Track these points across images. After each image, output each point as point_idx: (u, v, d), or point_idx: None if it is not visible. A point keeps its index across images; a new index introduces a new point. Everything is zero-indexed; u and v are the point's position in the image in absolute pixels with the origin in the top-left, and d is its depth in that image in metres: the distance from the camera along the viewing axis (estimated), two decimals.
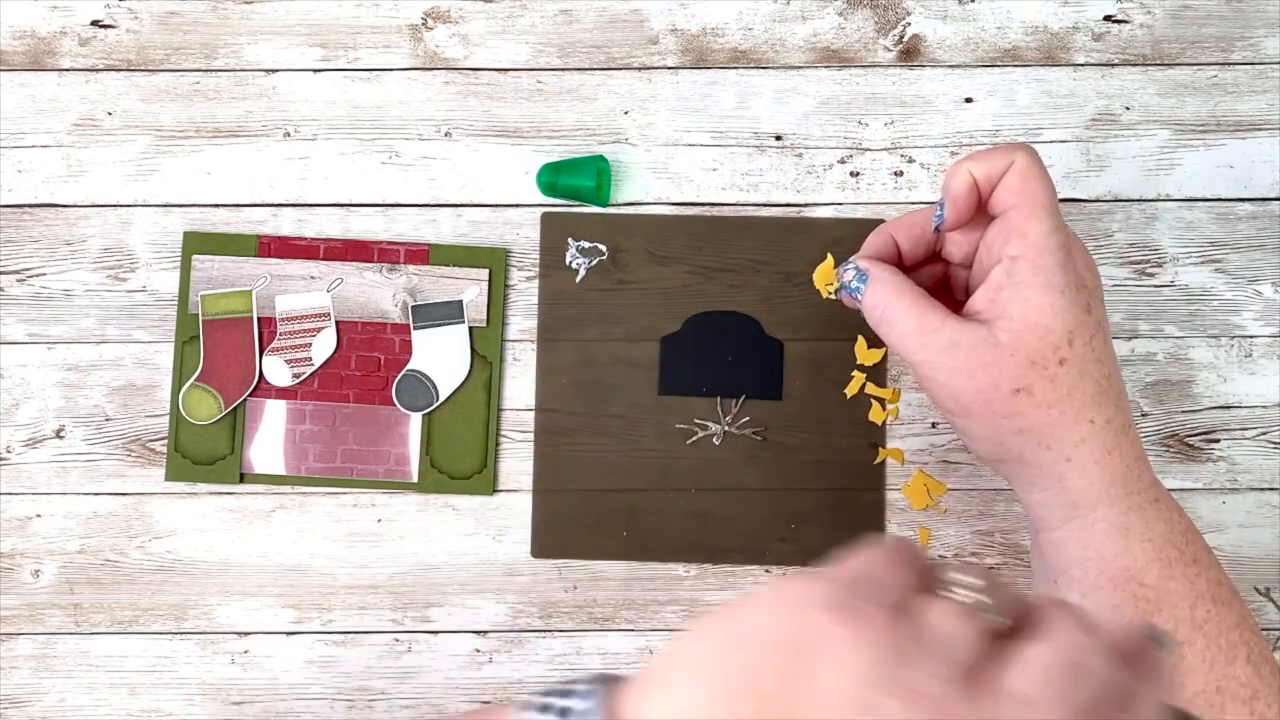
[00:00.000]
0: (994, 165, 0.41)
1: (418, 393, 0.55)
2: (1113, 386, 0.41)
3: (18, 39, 0.57)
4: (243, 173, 0.56)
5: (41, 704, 0.54)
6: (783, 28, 0.57)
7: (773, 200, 0.56)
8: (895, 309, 0.41)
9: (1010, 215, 0.41)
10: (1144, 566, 0.40)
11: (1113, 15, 0.57)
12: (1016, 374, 0.39)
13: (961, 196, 0.41)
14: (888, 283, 0.42)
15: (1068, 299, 0.40)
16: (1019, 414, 0.40)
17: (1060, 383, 0.40)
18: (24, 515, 0.55)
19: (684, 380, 0.55)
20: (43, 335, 0.55)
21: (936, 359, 0.40)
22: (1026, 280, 0.40)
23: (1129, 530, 0.40)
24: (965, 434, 0.42)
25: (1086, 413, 0.40)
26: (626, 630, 0.55)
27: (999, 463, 0.42)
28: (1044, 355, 0.39)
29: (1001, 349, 0.40)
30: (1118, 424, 0.41)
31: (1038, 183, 0.41)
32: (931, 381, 0.41)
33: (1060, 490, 0.41)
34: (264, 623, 0.54)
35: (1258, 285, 0.56)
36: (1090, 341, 0.40)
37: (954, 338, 0.40)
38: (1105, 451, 0.40)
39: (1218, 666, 0.40)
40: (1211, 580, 0.41)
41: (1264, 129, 0.56)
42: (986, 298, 0.41)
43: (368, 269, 0.55)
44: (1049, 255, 0.40)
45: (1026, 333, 0.39)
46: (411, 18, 0.57)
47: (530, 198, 0.56)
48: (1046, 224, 0.40)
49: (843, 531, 0.54)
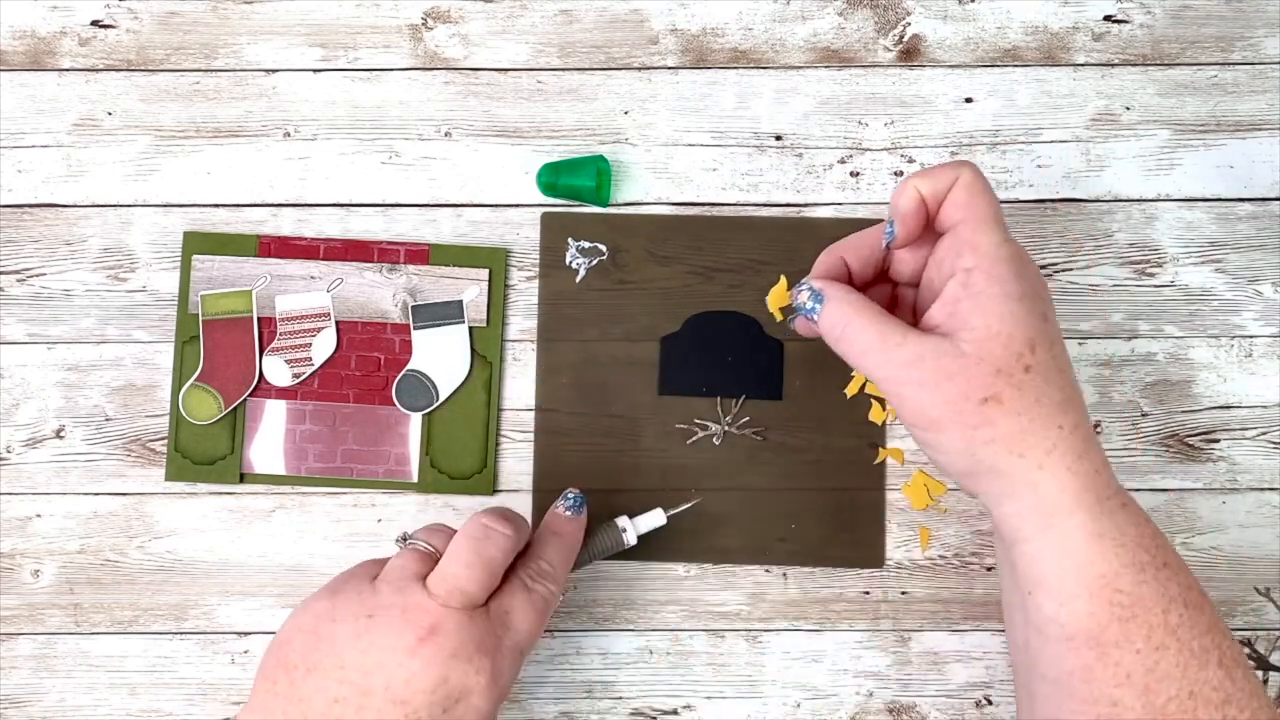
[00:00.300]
0: (939, 182, 0.42)
1: (418, 393, 0.55)
2: (1075, 393, 0.42)
3: (18, 39, 0.57)
4: (243, 173, 0.56)
5: (41, 704, 0.54)
6: (783, 28, 0.57)
7: (773, 200, 0.56)
8: (855, 326, 0.42)
9: (960, 229, 0.41)
10: (1119, 572, 0.40)
11: (1113, 15, 0.57)
12: (984, 383, 0.40)
13: (910, 213, 0.42)
14: (845, 301, 0.42)
15: (1026, 306, 0.40)
16: (990, 423, 0.40)
17: (1028, 389, 0.40)
18: (24, 515, 0.55)
19: (684, 380, 0.55)
20: (43, 335, 0.55)
21: (902, 373, 0.41)
22: (984, 290, 0.40)
23: (1103, 536, 0.40)
24: (935, 448, 0.42)
25: (1055, 418, 0.40)
26: (626, 630, 0.55)
27: (970, 476, 0.42)
28: (1009, 363, 0.40)
29: (967, 359, 0.40)
30: (1084, 430, 0.41)
31: (983, 196, 0.41)
32: (898, 397, 0.41)
33: (1035, 499, 0.41)
34: (264, 623, 0.54)
35: (1258, 285, 0.56)
36: (1051, 349, 0.41)
37: (918, 351, 0.40)
38: (1076, 457, 0.40)
39: (1190, 671, 0.40)
40: (1183, 584, 0.41)
41: (1264, 129, 0.56)
42: (945, 311, 0.41)
43: (368, 269, 0.55)
44: (1003, 265, 0.40)
45: (990, 341, 0.40)
46: (411, 18, 0.57)
47: (530, 198, 0.56)
48: (997, 235, 0.41)
49: (843, 531, 0.54)
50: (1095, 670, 0.40)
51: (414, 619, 0.42)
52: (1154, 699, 0.40)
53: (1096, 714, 0.40)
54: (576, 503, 0.50)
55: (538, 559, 0.47)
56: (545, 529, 0.49)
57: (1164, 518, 0.55)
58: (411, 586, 0.43)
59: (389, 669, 0.41)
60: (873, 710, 0.54)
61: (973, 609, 0.55)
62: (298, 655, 0.42)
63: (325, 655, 0.42)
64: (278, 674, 0.42)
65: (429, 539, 0.45)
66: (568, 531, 0.49)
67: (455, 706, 0.42)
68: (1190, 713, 0.40)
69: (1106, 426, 0.55)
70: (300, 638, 0.43)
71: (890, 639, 0.55)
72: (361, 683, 0.41)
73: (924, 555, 0.55)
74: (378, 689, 0.41)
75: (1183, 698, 0.40)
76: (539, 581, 0.46)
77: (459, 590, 0.43)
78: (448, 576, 0.43)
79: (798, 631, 0.55)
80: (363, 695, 0.41)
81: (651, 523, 0.52)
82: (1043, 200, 0.56)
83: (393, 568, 0.44)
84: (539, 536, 0.48)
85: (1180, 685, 0.40)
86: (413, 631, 0.41)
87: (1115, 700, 0.40)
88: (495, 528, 0.44)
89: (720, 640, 0.55)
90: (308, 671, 0.42)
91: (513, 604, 0.44)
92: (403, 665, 0.41)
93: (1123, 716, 0.40)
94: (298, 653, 0.42)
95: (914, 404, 0.41)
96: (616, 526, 0.52)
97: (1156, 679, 0.40)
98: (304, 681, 0.42)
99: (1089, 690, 0.41)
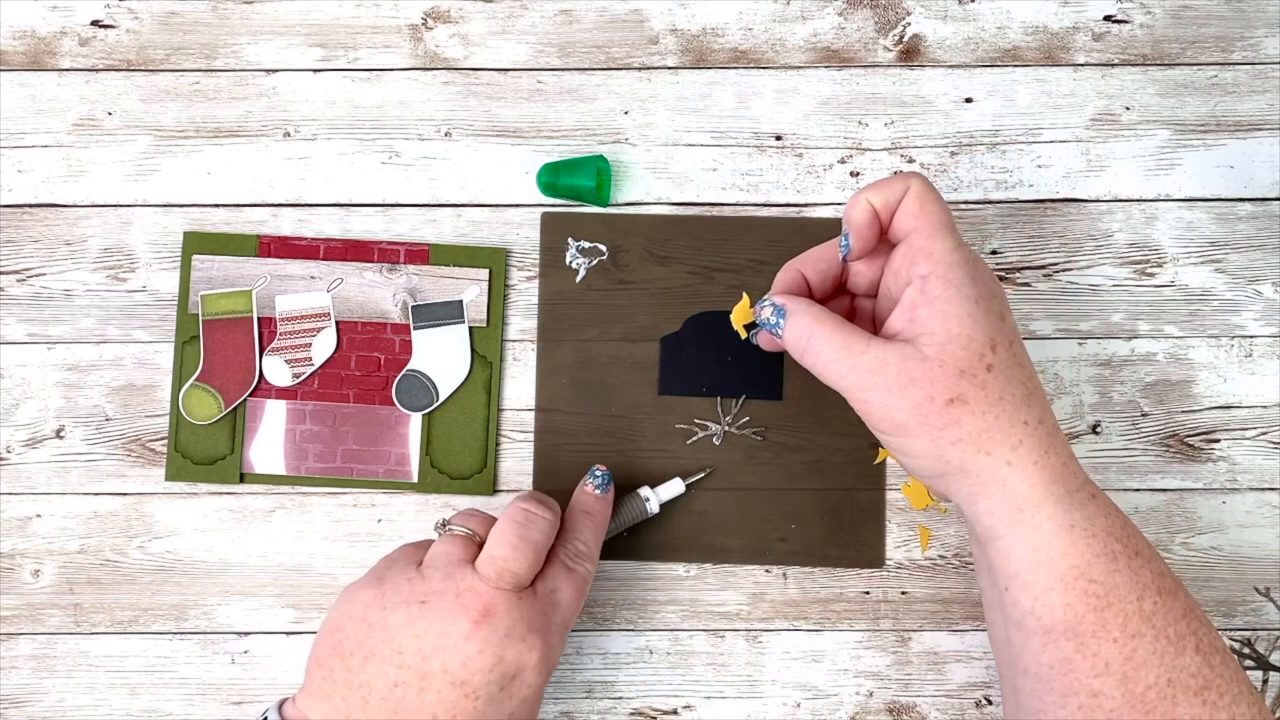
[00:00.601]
0: (890, 193, 0.43)
1: (418, 393, 0.55)
2: (1037, 389, 0.43)
3: (18, 39, 0.57)
4: (243, 173, 0.56)
5: (41, 704, 0.54)
6: (783, 28, 0.57)
7: (773, 200, 0.56)
8: (818, 337, 0.43)
9: (913, 238, 0.43)
10: (1091, 562, 0.41)
11: (1113, 15, 0.57)
12: (948, 384, 0.41)
13: (864, 225, 0.44)
14: (807, 313, 0.44)
15: (983, 308, 0.41)
16: (956, 423, 0.41)
17: (991, 388, 0.41)
18: (24, 515, 0.55)
19: (684, 380, 0.55)
20: (43, 335, 0.55)
21: (866, 380, 0.42)
22: (941, 294, 0.41)
23: (1074, 527, 0.41)
24: (905, 453, 0.43)
25: (1019, 414, 0.41)
26: (626, 630, 0.55)
27: (940, 477, 0.43)
28: (971, 363, 0.41)
29: (929, 362, 0.41)
30: (1049, 424, 0.42)
31: (934, 205, 0.43)
32: (865, 404, 0.42)
33: (1004, 495, 0.41)
34: (264, 623, 0.54)
35: (1258, 285, 0.56)
36: (1010, 347, 0.42)
37: (881, 357, 0.41)
38: (1042, 451, 0.41)
39: (1168, 658, 0.41)
40: (1155, 572, 0.42)
41: (1264, 129, 0.56)
42: (904, 318, 0.42)
43: (368, 269, 0.55)
44: (957, 269, 0.42)
45: (950, 344, 0.41)
46: (411, 18, 0.57)
47: (530, 198, 0.56)
48: (949, 241, 0.42)
49: (843, 531, 0.54)
50: (1074, 661, 0.41)
51: (468, 602, 0.43)
52: (1133, 687, 0.40)
53: (1078, 704, 0.41)
54: (604, 480, 0.51)
55: (574, 540, 0.48)
56: (575, 509, 0.50)
57: (1164, 518, 0.55)
58: (461, 571, 0.44)
59: (446, 652, 0.42)
60: (873, 710, 0.54)
61: (973, 609, 0.55)
62: (352, 643, 0.43)
63: (381, 642, 0.43)
64: (333, 662, 0.43)
65: (467, 523, 0.47)
66: (597, 510, 0.50)
67: (511, 684, 0.43)
68: (1170, 700, 0.40)
69: (1106, 426, 0.55)
70: (351, 625, 0.43)
71: (890, 639, 0.55)
72: (420, 666, 0.42)
73: (924, 555, 0.55)
74: (436, 672, 0.42)
75: (1161, 685, 0.40)
76: (578, 562, 0.47)
77: (509, 572, 0.44)
78: (497, 559, 0.44)
79: (798, 631, 0.55)
80: (422, 679, 0.42)
81: (672, 491, 0.53)
82: (1043, 200, 0.56)
83: (437, 554, 0.45)
84: (570, 517, 0.49)
85: (1158, 673, 0.40)
86: (467, 615, 0.42)
87: (1095, 690, 0.41)
88: (536, 512, 0.46)
89: (720, 640, 0.55)
90: (365, 658, 0.43)
91: (558, 584, 0.46)
92: (459, 648, 0.42)
93: (1104, 706, 0.41)
94: (352, 640, 0.43)
95: (880, 410, 0.42)
96: (640, 497, 0.53)
97: (1134, 667, 0.40)
98: (362, 668, 0.43)
99: (1069, 682, 0.41)
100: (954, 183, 0.56)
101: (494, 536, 0.45)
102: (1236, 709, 0.41)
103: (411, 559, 0.46)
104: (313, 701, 0.43)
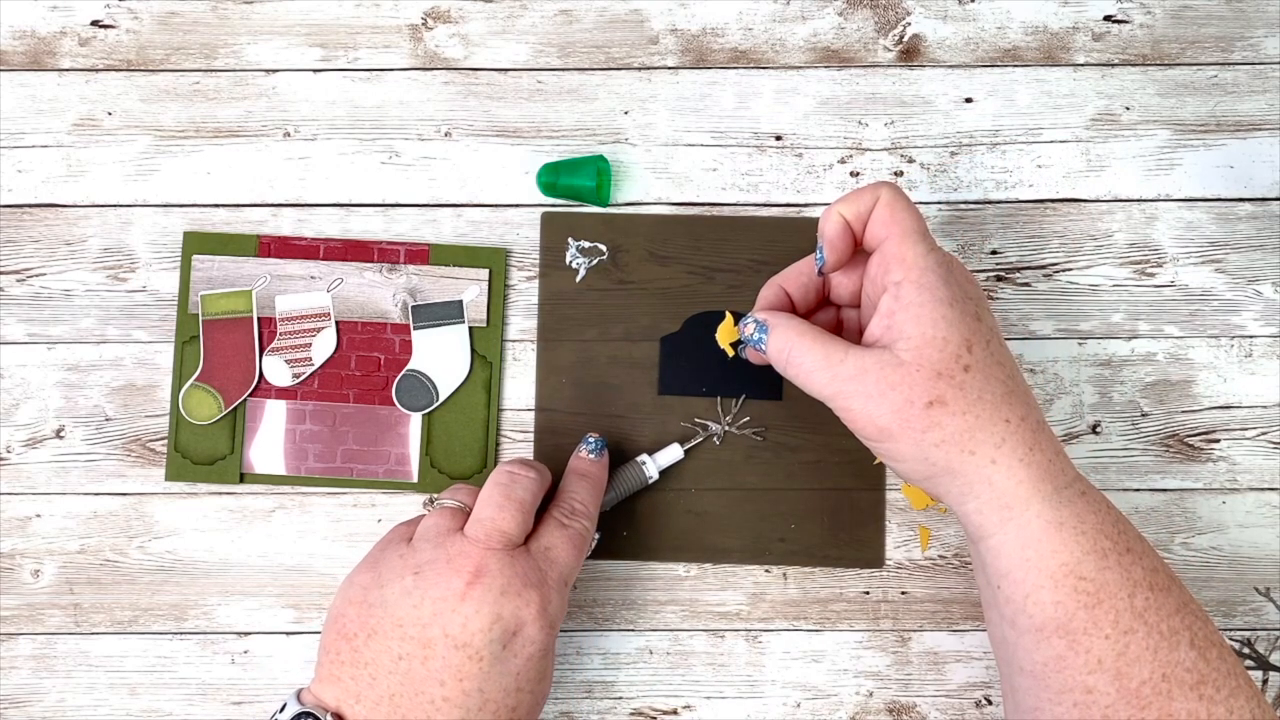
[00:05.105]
0: (861, 204, 0.44)
1: (418, 393, 0.55)
2: (1019, 386, 0.43)
3: (18, 39, 0.57)
4: (243, 173, 0.56)
5: (41, 704, 0.54)
6: (783, 28, 0.57)
7: (773, 200, 0.56)
8: (799, 349, 0.44)
9: (885, 246, 0.43)
10: (1081, 559, 0.41)
11: (1113, 15, 0.57)
12: (926, 387, 0.41)
13: (837, 237, 0.45)
14: (788, 327, 0.45)
15: (957, 310, 0.42)
16: (937, 425, 0.41)
17: (969, 388, 0.41)
18: (24, 515, 0.55)
19: (684, 380, 0.55)
20: (43, 335, 0.55)
21: (847, 388, 0.42)
22: (914, 299, 0.42)
23: (1062, 525, 0.41)
24: (892, 458, 0.43)
25: (1000, 412, 0.42)
26: (626, 630, 0.55)
27: (929, 480, 0.43)
28: (948, 365, 0.41)
29: (907, 367, 0.41)
30: (1032, 420, 0.42)
31: (905, 212, 0.43)
32: (848, 411, 0.43)
33: (992, 494, 0.42)
34: (264, 623, 0.54)
35: (1258, 285, 0.56)
36: (988, 346, 0.42)
37: (860, 364, 0.42)
38: (1027, 448, 0.42)
39: (1161, 653, 0.41)
40: (1147, 568, 0.42)
41: (1264, 129, 0.56)
42: (882, 325, 0.43)
43: (368, 269, 0.55)
44: (930, 274, 0.42)
45: (926, 347, 0.41)
46: (411, 18, 0.57)
47: (530, 198, 0.56)
48: (921, 246, 0.43)
49: (843, 531, 0.54)
50: (1067, 659, 0.41)
51: (459, 565, 0.44)
52: (1127, 683, 0.40)
53: (1073, 701, 0.41)
54: (598, 445, 0.51)
55: (569, 499, 0.48)
56: (571, 472, 0.50)
57: (1164, 518, 0.55)
58: (451, 538, 0.45)
59: (444, 616, 0.43)
60: (873, 710, 0.54)
61: (973, 609, 0.55)
62: (354, 625, 0.44)
63: (381, 618, 0.43)
64: (339, 645, 0.44)
65: (455, 496, 0.48)
66: (593, 472, 0.50)
67: (513, 641, 0.43)
68: (1165, 695, 0.40)
69: (1106, 426, 0.55)
70: (352, 609, 0.44)
71: (890, 639, 0.55)
72: (421, 635, 0.43)
73: (924, 555, 0.55)
74: (437, 638, 0.43)
75: (1156, 680, 0.40)
76: (573, 519, 0.47)
77: (498, 531, 0.44)
78: (485, 520, 0.45)
79: (798, 631, 0.55)
80: (424, 647, 0.43)
81: (671, 457, 0.54)
82: (1043, 200, 0.56)
83: (427, 526, 0.46)
84: (566, 480, 0.50)
85: (1152, 668, 0.41)
86: (460, 577, 0.43)
87: (1090, 687, 0.41)
88: (519, 472, 0.47)
89: (720, 640, 0.55)
90: (369, 637, 0.43)
91: (552, 540, 0.46)
92: (456, 611, 0.43)
93: (1098, 703, 0.41)
94: (354, 622, 0.44)
95: (863, 416, 0.42)
96: (638, 463, 0.53)
97: (1127, 663, 0.40)
98: (366, 646, 0.43)
99: (1063, 679, 0.41)
100: (954, 183, 0.56)
101: (480, 500, 0.46)
102: (1234, 703, 0.41)
103: (403, 537, 0.47)
104: (324, 686, 0.44)
